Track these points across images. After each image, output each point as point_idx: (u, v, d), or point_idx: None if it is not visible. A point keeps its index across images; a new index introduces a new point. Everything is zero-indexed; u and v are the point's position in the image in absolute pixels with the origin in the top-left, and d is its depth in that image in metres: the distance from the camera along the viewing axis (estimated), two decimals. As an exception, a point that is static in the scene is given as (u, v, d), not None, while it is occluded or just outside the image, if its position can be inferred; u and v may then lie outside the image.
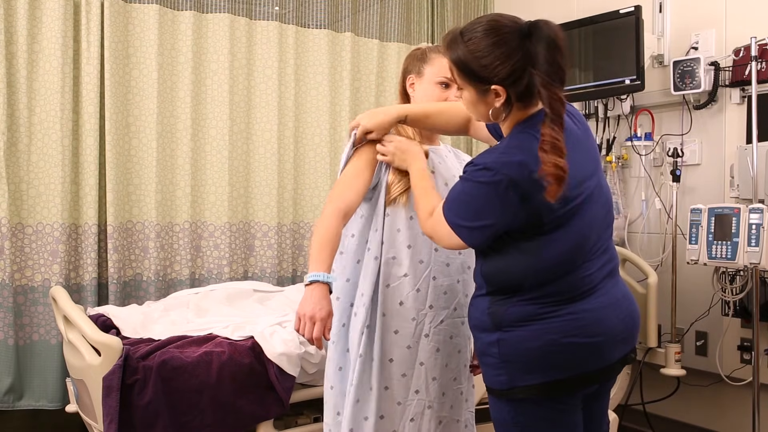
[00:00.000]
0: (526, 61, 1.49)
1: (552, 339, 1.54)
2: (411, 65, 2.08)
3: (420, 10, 4.20)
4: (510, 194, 1.48)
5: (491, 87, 1.52)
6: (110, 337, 2.33)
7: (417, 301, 1.96)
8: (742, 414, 3.15)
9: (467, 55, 1.52)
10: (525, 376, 1.56)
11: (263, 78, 3.66)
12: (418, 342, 1.97)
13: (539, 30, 1.48)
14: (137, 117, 3.37)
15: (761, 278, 2.95)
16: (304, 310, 1.70)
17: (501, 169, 1.48)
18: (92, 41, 3.22)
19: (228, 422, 2.41)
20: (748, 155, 3.01)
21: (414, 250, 1.95)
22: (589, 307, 1.56)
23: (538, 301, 1.56)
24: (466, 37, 1.53)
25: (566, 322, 1.54)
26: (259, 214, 3.64)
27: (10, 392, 3.03)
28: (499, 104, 1.54)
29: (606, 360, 1.59)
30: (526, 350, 1.55)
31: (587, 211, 1.55)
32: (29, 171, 3.12)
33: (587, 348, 1.55)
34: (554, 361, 1.55)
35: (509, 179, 1.47)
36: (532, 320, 1.55)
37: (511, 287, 1.58)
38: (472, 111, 1.64)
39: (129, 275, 3.35)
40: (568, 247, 1.54)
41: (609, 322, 1.58)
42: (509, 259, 1.58)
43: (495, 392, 1.63)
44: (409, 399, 1.96)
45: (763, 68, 3.02)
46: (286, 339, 2.50)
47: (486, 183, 1.50)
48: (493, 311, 1.60)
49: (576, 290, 1.56)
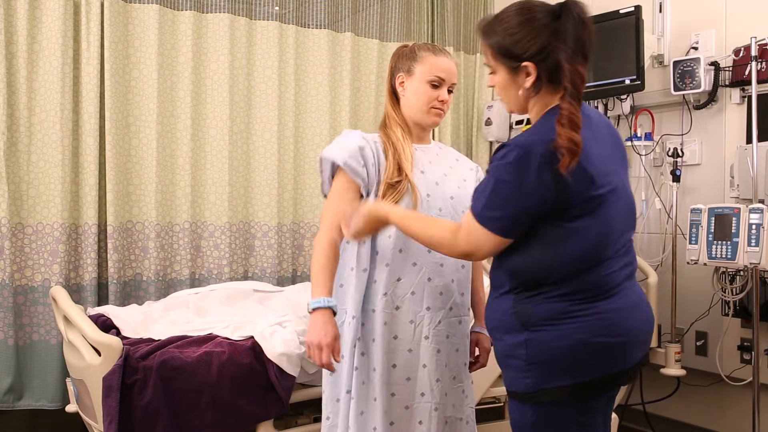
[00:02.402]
0: (554, 37, 1.53)
1: (582, 338, 1.51)
2: (400, 63, 2.05)
3: (420, 10, 4.20)
4: (543, 171, 1.47)
5: (522, 64, 1.55)
6: (110, 337, 2.33)
7: (413, 304, 1.96)
8: (742, 414, 3.15)
9: (500, 33, 1.58)
10: (553, 378, 1.53)
11: (263, 78, 3.65)
12: (419, 344, 1.97)
13: (569, 9, 1.53)
14: (137, 117, 3.37)
15: (761, 278, 2.95)
16: (311, 339, 1.82)
17: (533, 146, 1.49)
18: (92, 41, 3.22)
19: (228, 422, 2.41)
20: (748, 155, 3.01)
21: (406, 253, 1.95)
22: (614, 306, 1.56)
23: (566, 299, 1.53)
24: (500, 18, 1.60)
25: (596, 320, 1.53)
26: (259, 214, 3.64)
27: (10, 392, 3.03)
28: (529, 84, 1.57)
29: (630, 361, 1.58)
30: (556, 351, 1.52)
31: (611, 206, 1.55)
32: (29, 171, 3.12)
33: (615, 348, 1.54)
34: (583, 362, 1.53)
35: (541, 155, 1.48)
36: (562, 319, 1.53)
37: (536, 282, 1.55)
38: (504, 96, 1.65)
39: (129, 275, 3.35)
40: (593, 240, 1.53)
41: (633, 323, 1.58)
42: (533, 252, 1.55)
43: (519, 396, 1.59)
44: (416, 402, 1.97)
45: (763, 68, 3.02)
46: (286, 339, 2.50)
47: (518, 162, 1.49)
48: (520, 310, 1.56)
49: (601, 288, 1.55)
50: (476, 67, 4.40)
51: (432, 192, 1.99)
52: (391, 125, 2.04)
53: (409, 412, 1.97)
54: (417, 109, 2.02)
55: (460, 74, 4.33)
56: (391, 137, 2.01)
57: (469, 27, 4.38)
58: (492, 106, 4.27)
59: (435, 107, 2.01)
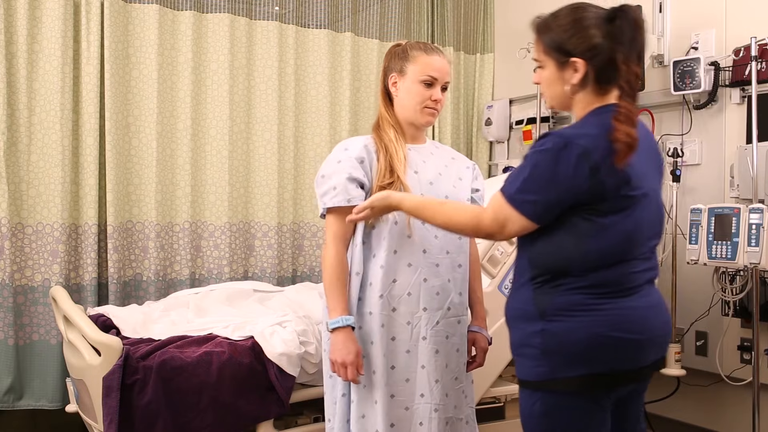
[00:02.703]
0: (608, 38, 1.57)
1: (599, 332, 1.53)
2: (392, 63, 2.04)
3: (420, 10, 4.20)
4: (581, 163, 1.50)
5: (571, 59, 1.59)
6: (110, 337, 2.33)
7: (410, 305, 1.96)
8: (742, 414, 3.15)
9: (554, 29, 1.62)
10: (567, 368, 1.55)
11: (263, 78, 3.65)
12: (417, 345, 1.97)
13: (624, 12, 1.57)
14: (137, 117, 3.37)
15: (761, 278, 2.94)
16: (335, 358, 1.89)
17: (575, 138, 1.52)
18: (92, 41, 3.22)
19: (228, 422, 2.41)
20: (748, 155, 3.01)
21: (400, 254, 1.95)
22: (634, 305, 1.58)
23: (585, 291, 1.55)
24: (555, 15, 1.65)
25: (614, 316, 1.55)
26: (259, 214, 3.64)
27: (10, 392, 3.03)
28: (576, 80, 1.60)
29: (645, 359, 1.61)
30: (572, 342, 1.54)
31: (643, 208, 1.58)
32: (29, 171, 3.12)
33: (632, 344, 1.56)
34: (599, 355, 1.54)
35: (582, 148, 1.50)
36: (579, 311, 1.54)
37: (558, 271, 1.57)
38: (548, 91, 1.68)
39: (129, 275, 3.35)
40: (620, 239, 1.55)
41: (650, 323, 1.60)
42: (559, 241, 1.57)
43: (531, 384, 1.60)
44: (415, 403, 1.97)
45: (763, 68, 3.02)
46: (286, 339, 2.50)
47: (558, 150, 1.51)
48: (538, 300, 1.59)
49: (621, 285, 1.57)
50: (476, 67, 4.40)
51: (426, 191, 1.99)
52: (384, 127, 2.03)
53: (410, 413, 1.96)
54: (410, 108, 2.01)
55: (460, 74, 4.33)
56: (384, 139, 2.00)
57: (469, 27, 4.38)
58: (492, 106, 4.27)
59: (428, 107, 2.00)
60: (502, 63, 4.42)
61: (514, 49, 4.13)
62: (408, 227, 1.95)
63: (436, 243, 1.99)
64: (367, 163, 1.97)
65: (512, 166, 4.10)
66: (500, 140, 4.35)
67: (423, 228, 1.97)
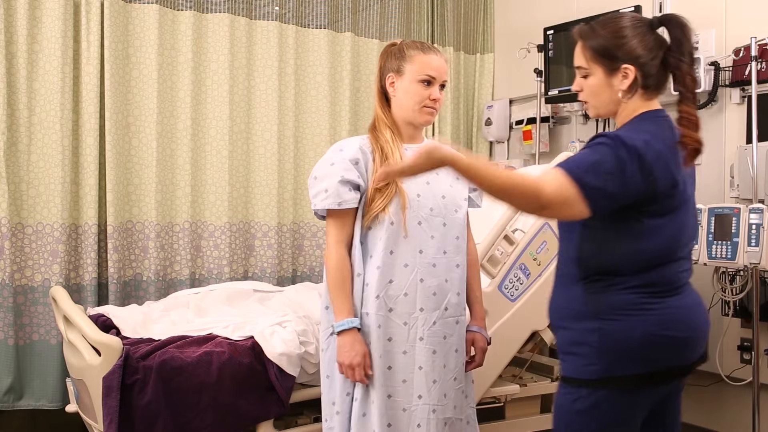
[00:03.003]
0: (659, 44, 1.62)
1: (653, 330, 1.56)
2: (389, 63, 2.03)
3: (420, 10, 4.20)
4: (635, 164, 1.51)
5: (621, 66, 1.61)
6: (110, 337, 2.33)
7: (406, 305, 1.95)
8: (742, 414, 3.15)
9: (603, 35, 1.63)
10: (621, 367, 1.57)
11: (263, 78, 3.65)
12: (414, 346, 1.97)
13: (671, 19, 1.62)
14: (137, 117, 3.37)
15: (761, 278, 2.94)
16: (342, 360, 1.91)
17: (628, 141, 1.52)
18: (92, 41, 3.22)
19: (228, 422, 2.41)
20: (748, 155, 3.01)
21: (396, 255, 1.95)
22: (680, 304, 1.62)
23: (637, 291, 1.58)
24: (603, 22, 1.66)
25: (665, 315, 1.58)
26: (259, 214, 3.64)
27: (10, 392, 3.03)
28: (626, 86, 1.61)
29: (692, 356, 1.64)
30: (628, 340, 1.56)
31: (685, 212, 1.62)
32: (29, 171, 3.12)
33: (681, 341, 1.60)
34: (652, 353, 1.57)
35: (636, 150, 1.51)
36: (634, 310, 1.57)
37: (609, 271, 1.59)
38: (594, 99, 1.68)
39: (129, 275, 3.35)
40: (667, 240, 1.59)
41: (696, 320, 1.64)
42: (610, 242, 1.59)
43: (582, 382, 1.61)
44: (413, 405, 1.96)
45: (763, 68, 3.02)
46: (286, 339, 2.50)
47: (619, 148, 1.52)
48: (591, 299, 1.60)
49: (669, 285, 1.60)
50: (476, 67, 4.40)
51: (422, 191, 1.98)
52: (380, 127, 2.02)
53: (407, 414, 1.96)
54: (409, 108, 2.00)
55: (460, 74, 4.33)
56: (380, 140, 1.99)
57: (469, 27, 4.38)
58: (492, 106, 4.27)
59: (427, 106, 1.99)
60: (502, 63, 4.42)
61: (514, 49, 4.13)
62: (404, 228, 1.95)
63: (432, 243, 1.98)
64: (362, 164, 1.96)
65: (513, 167, 4.10)
66: (500, 140, 4.35)
67: (419, 228, 1.97)
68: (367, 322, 1.95)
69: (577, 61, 1.69)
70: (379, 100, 2.05)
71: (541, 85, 3.91)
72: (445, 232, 2.01)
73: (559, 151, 3.68)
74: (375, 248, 1.95)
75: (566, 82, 3.70)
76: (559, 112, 4.05)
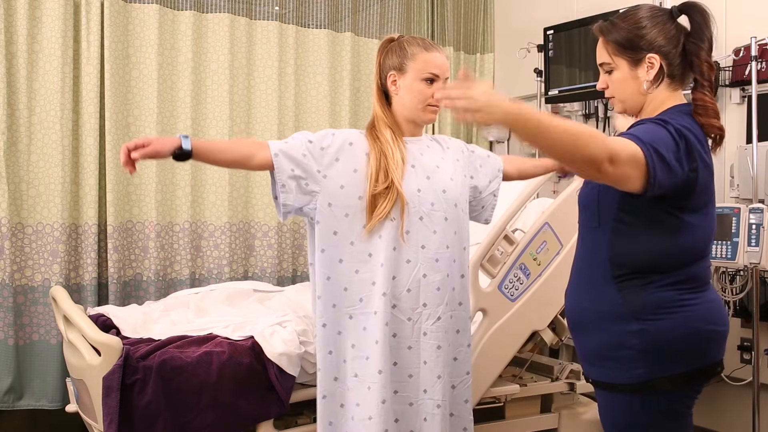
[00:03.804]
0: (680, 32, 1.61)
1: (694, 327, 1.55)
2: (389, 60, 1.99)
3: (420, 10, 4.20)
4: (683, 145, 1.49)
5: (645, 56, 1.59)
6: (110, 337, 2.33)
7: (410, 301, 1.95)
8: (742, 414, 3.15)
9: (625, 28, 1.61)
10: (667, 367, 1.54)
11: (263, 78, 3.65)
12: (419, 341, 1.97)
13: (692, 5, 1.61)
14: (137, 117, 3.37)
15: (761, 278, 2.94)
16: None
17: (675, 123, 1.51)
18: (92, 41, 3.22)
19: (228, 422, 2.41)
20: (748, 155, 3.01)
21: (399, 251, 1.94)
22: (712, 297, 1.61)
23: (675, 287, 1.55)
24: (623, 15, 1.64)
25: (704, 309, 1.57)
26: (259, 214, 3.64)
27: (10, 392, 3.03)
28: (652, 76, 1.60)
29: (723, 351, 1.63)
30: (672, 339, 1.53)
31: (713, 208, 1.62)
32: (29, 171, 3.12)
33: (721, 336, 1.60)
34: (695, 350, 1.55)
35: (682, 133, 1.50)
36: (675, 307, 1.54)
37: (647, 269, 1.56)
38: (620, 93, 1.66)
39: (129, 275, 3.35)
40: (701, 236, 1.58)
41: (725, 314, 1.66)
42: (647, 238, 1.55)
43: (626, 387, 1.56)
44: (419, 399, 1.97)
45: (763, 68, 3.02)
46: (286, 339, 2.50)
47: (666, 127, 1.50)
48: (628, 300, 1.56)
49: (702, 280, 1.60)
50: (476, 66, 4.40)
51: (423, 186, 1.97)
52: (380, 127, 1.99)
53: (414, 408, 1.97)
54: (412, 107, 1.98)
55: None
56: (380, 139, 1.96)
57: (469, 27, 4.38)
58: (492, 106, 4.26)
59: (431, 104, 1.97)
60: (502, 63, 4.42)
61: (514, 49, 4.13)
62: (401, 230, 1.93)
63: (435, 238, 1.97)
64: (329, 156, 1.94)
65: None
66: (500, 140, 4.34)
67: (421, 224, 1.96)
68: (375, 320, 1.94)
69: (600, 58, 1.67)
70: (379, 98, 2.01)
71: (541, 85, 3.91)
72: (447, 226, 2.00)
73: (559, 151, 3.68)
74: (376, 246, 1.94)
75: (566, 82, 3.70)
76: (559, 112, 4.05)
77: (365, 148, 1.97)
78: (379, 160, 1.93)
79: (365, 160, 1.95)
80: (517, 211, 2.66)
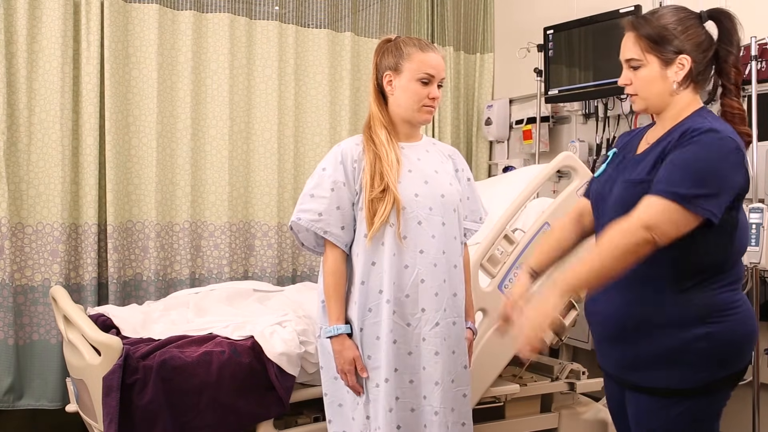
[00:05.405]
0: (709, 37, 1.61)
1: (751, 326, 1.56)
2: (386, 61, 1.99)
3: (420, 10, 4.20)
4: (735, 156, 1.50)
5: (678, 56, 1.58)
6: (110, 337, 2.33)
7: (408, 307, 1.95)
8: (742, 414, 3.15)
9: (660, 25, 1.60)
10: (729, 367, 1.54)
11: (263, 78, 3.65)
12: (418, 347, 1.96)
13: (721, 11, 1.62)
14: (137, 117, 3.37)
15: (761, 278, 2.94)
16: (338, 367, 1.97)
17: (726, 131, 1.52)
18: (92, 41, 3.22)
19: (228, 422, 2.41)
20: (748, 155, 3.00)
21: (398, 257, 1.94)
22: (744, 296, 1.62)
23: (731, 288, 1.56)
24: (657, 13, 1.63)
25: (749, 309, 1.58)
26: (259, 214, 3.64)
27: (10, 392, 3.03)
28: (681, 77, 1.60)
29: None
30: (739, 340, 1.54)
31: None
32: (29, 171, 3.12)
33: (757, 333, 1.61)
34: (747, 350, 1.57)
35: (734, 142, 1.51)
36: (734, 308, 1.54)
37: (709, 270, 1.53)
38: (646, 90, 1.63)
39: (129, 275, 3.35)
40: (746, 232, 1.59)
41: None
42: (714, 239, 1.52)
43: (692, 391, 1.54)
44: (420, 405, 1.96)
45: (763, 68, 3.02)
46: (286, 339, 2.50)
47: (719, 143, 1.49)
48: (696, 302, 1.52)
49: (742, 278, 1.60)
50: (476, 66, 4.40)
51: (421, 191, 1.97)
52: (376, 127, 1.99)
53: (415, 415, 1.96)
54: (407, 107, 1.98)
55: (460, 74, 4.33)
56: (375, 140, 1.96)
57: (469, 27, 4.38)
58: (492, 106, 4.27)
59: (426, 105, 1.97)
60: (502, 63, 4.41)
61: (514, 49, 4.13)
62: (398, 233, 1.94)
63: (433, 243, 1.97)
64: (348, 164, 1.97)
65: (513, 166, 4.10)
66: (500, 140, 4.34)
67: (419, 228, 1.96)
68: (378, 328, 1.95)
69: (628, 54, 1.64)
70: (376, 97, 2.02)
71: (541, 84, 3.91)
72: (445, 231, 1.99)
73: (559, 151, 3.68)
74: (380, 253, 1.94)
75: (566, 81, 3.70)
76: (559, 112, 4.05)
77: (354, 158, 1.98)
78: (373, 164, 1.93)
79: (354, 170, 1.98)
80: (517, 210, 2.66)
